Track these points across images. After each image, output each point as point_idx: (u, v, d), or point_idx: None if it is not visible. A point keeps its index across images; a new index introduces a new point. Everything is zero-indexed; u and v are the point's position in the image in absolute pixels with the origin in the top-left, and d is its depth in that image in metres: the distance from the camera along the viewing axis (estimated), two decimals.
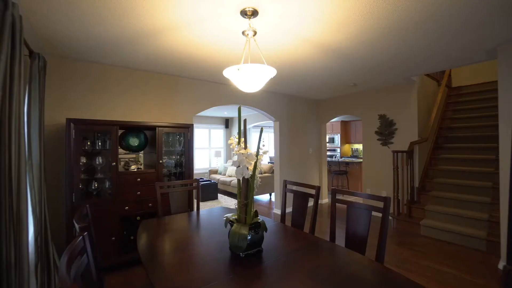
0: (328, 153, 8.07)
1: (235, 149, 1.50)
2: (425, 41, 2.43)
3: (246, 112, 7.51)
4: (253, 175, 1.48)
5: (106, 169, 2.73)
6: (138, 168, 3.11)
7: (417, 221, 3.70)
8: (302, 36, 2.29)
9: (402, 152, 3.98)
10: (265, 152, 1.56)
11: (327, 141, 8.13)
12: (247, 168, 1.44)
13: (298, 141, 5.19)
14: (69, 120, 2.39)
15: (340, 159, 6.96)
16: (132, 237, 2.78)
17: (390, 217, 4.16)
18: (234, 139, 1.59)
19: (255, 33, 1.92)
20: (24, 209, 1.36)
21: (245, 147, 1.50)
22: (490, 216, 3.22)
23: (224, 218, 1.57)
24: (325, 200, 5.65)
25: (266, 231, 1.53)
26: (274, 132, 4.92)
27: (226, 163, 7.99)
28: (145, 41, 2.37)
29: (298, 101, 5.21)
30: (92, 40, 2.33)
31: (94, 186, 2.65)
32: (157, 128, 3.01)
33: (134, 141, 3.05)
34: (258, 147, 1.50)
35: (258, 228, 1.46)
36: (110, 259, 2.59)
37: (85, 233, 0.94)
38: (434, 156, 4.47)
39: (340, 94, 5.01)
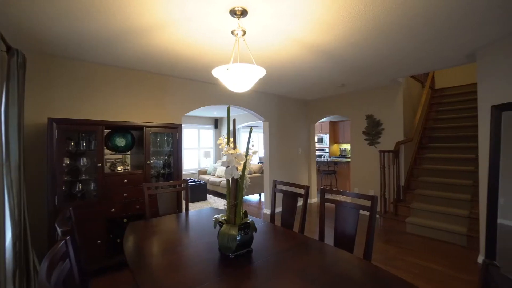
0: (317, 153, 8.16)
1: (224, 149, 1.49)
2: (412, 43, 2.49)
3: (236, 112, 7.48)
4: (242, 176, 1.47)
5: (91, 170, 2.64)
6: (125, 169, 3.03)
7: (403, 219, 3.80)
8: (292, 37, 2.30)
9: (388, 151, 4.08)
10: (254, 152, 1.56)
11: (316, 141, 8.23)
12: (236, 168, 1.43)
13: (287, 141, 5.22)
14: (51, 120, 2.30)
15: (329, 159, 7.06)
16: (118, 240, 2.70)
17: (377, 216, 4.25)
18: (223, 139, 1.57)
19: (244, 32, 1.92)
20: (1, 212, 1.29)
21: (235, 147, 1.49)
22: (470, 213, 3.35)
23: (213, 219, 1.55)
24: (314, 199, 5.71)
25: (255, 232, 1.52)
26: (264, 132, 4.93)
27: (215, 163, 7.94)
28: (133, 39, 2.31)
29: (287, 102, 5.24)
30: (76, 37, 2.25)
31: (79, 188, 2.56)
32: (144, 128, 2.94)
33: (120, 142, 2.98)
34: (248, 147, 1.49)
35: (247, 228, 1.45)
36: (95, 263, 2.51)
37: (68, 237, 0.90)
38: (418, 155, 4.61)
39: (329, 94, 5.08)
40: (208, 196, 6.37)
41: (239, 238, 1.40)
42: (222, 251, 1.43)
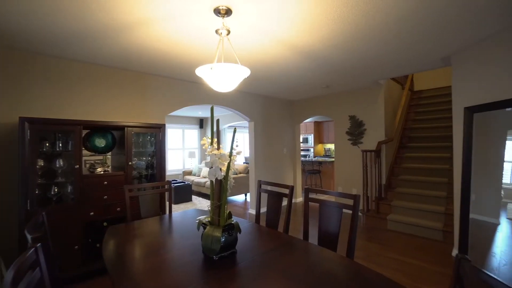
0: (302, 153, 8.27)
1: (208, 149, 1.47)
2: (392, 46, 2.58)
3: (221, 112, 7.42)
4: (226, 176, 1.45)
5: (68, 172, 2.52)
6: (105, 171, 2.91)
7: (384, 216, 3.92)
8: (277, 38, 2.31)
9: (370, 151, 4.20)
10: (238, 153, 1.55)
11: (301, 141, 8.32)
12: (220, 169, 1.41)
13: (272, 141, 5.24)
14: (23, 119, 2.17)
15: (314, 159, 7.17)
16: (98, 245, 2.60)
17: (360, 214, 4.36)
18: (206, 140, 1.55)
19: (228, 32, 1.90)
20: None
21: (218, 148, 1.47)
22: (446, 209, 3.52)
23: (197, 221, 1.52)
24: (299, 199, 5.77)
25: (240, 233, 1.51)
26: (249, 133, 4.92)
27: (200, 164, 7.83)
28: (114, 36, 2.22)
29: (272, 102, 5.26)
30: (52, 33, 2.13)
31: (54, 191, 2.43)
32: (126, 128, 2.85)
33: (100, 142, 2.86)
34: (232, 148, 1.48)
35: (231, 230, 1.44)
36: (73, 269, 2.40)
37: (38, 244, 0.85)
38: (399, 154, 4.78)
39: (313, 95, 5.15)
40: (193, 197, 6.28)
41: (223, 239, 1.38)
42: (206, 253, 1.41)
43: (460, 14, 1.94)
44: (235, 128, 1.53)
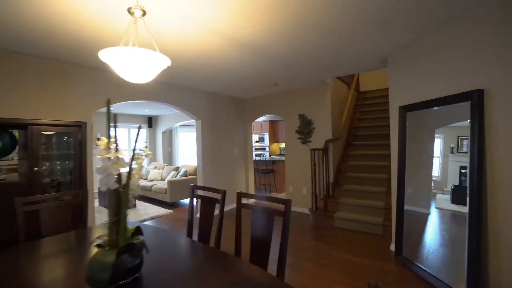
0: (258, 152, 8.19)
1: (102, 152, 1.16)
2: (330, 42, 2.54)
3: (172, 110, 6.90)
4: (126, 185, 1.17)
5: None
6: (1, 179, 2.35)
7: (332, 214, 3.97)
8: (206, 26, 2.07)
9: (319, 150, 4.22)
10: (147, 155, 1.28)
11: (257, 140, 8.23)
12: (114, 176, 1.12)
13: (222, 141, 4.99)
14: None
15: (268, 158, 7.11)
16: None
17: (309, 212, 4.37)
18: (104, 140, 1.24)
19: (144, 12, 1.61)
20: None
21: (117, 150, 1.18)
22: (386, 204, 3.68)
23: (91, 243, 1.20)
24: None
25: (147, 252, 1.24)
26: (196, 132, 4.60)
27: (148, 165, 7.20)
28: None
29: (221, 100, 5.00)
30: None
31: None
32: (30, 126, 2.34)
33: None
34: (134, 150, 1.20)
35: (132, 250, 1.15)
36: None
37: None
38: (345, 152, 4.93)
39: (264, 93, 5.04)
40: (139, 202, 5.68)
41: (120, 264, 1.09)
42: (92, 286, 1.10)
43: (390, 15, 1.94)
44: (139, 126, 1.25)
